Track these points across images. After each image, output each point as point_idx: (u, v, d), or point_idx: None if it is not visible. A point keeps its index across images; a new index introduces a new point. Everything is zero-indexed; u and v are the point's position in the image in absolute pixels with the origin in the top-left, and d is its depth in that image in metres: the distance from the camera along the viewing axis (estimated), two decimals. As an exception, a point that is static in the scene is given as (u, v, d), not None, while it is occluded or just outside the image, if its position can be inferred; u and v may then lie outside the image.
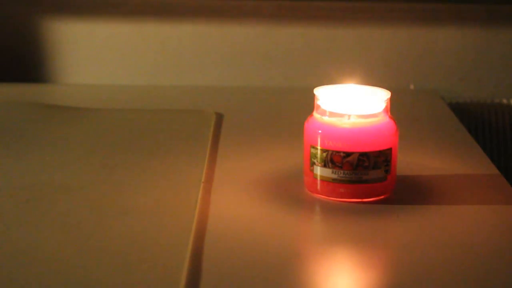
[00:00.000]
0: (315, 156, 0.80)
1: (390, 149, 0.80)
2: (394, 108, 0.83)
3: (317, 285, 0.66)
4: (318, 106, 0.81)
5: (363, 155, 0.79)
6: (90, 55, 1.33)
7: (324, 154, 0.79)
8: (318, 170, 0.80)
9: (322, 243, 0.74)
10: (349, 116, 0.80)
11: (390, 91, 0.82)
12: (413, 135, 1.02)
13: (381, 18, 1.31)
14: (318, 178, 0.80)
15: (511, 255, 0.71)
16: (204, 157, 0.92)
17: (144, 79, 1.34)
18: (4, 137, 1.00)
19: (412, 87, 1.32)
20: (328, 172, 0.79)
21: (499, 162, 1.28)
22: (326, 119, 0.80)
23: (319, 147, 0.80)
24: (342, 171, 0.79)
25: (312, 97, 0.82)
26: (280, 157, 0.93)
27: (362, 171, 0.79)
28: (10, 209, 0.78)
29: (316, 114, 0.81)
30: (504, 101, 1.32)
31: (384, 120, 0.80)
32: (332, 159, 0.79)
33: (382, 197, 0.81)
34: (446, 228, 0.76)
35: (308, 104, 0.84)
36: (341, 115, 0.80)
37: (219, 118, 1.09)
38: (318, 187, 0.81)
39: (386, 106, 0.81)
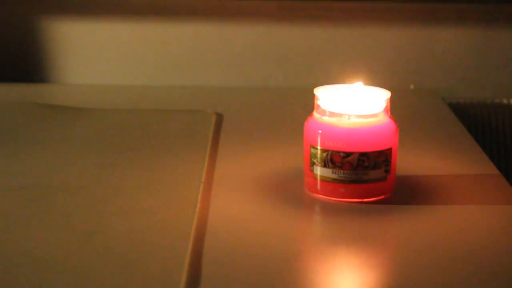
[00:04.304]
0: (315, 156, 0.80)
1: (390, 149, 0.80)
2: (394, 108, 0.83)
3: (317, 285, 0.66)
4: (318, 106, 0.81)
5: (363, 155, 0.79)
6: (90, 55, 1.33)
7: (324, 154, 0.79)
8: (318, 170, 0.80)
9: (322, 243, 0.74)
10: (349, 116, 0.80)
11: (390, 91, 0.82)
12: (413, 135, 1.02)
13: (381, 18, 1.31)
14: (318, 178, 0.80)
15: (511, 255, 0.71)
16: (204, 157, 0.92)
17: (144, 79, 1.34)
18: (4, 137, 1.00)
19: (412, 87, 1.32)
20: (328, 172, 0.79)
21: (499, 162, 1.28)
22: (326, 119, 0.80)
23: (319, 147, 0.80)
24: (342, 171, 0.79)
25: (312, 97, 0.82)
26: (280, 157, 0.93)
27: (362, 171, 0.79)
28: (10, 209, 0.78)
29: (316, 114, 0.81)
30: (504, 101, 1.32)
31: (384, 120, 0.80)
32: (332, 159, 0.79)
33: (382, 197, 0.81)
34: (446, 228, 0.76)
35: (308, 104, 0.84)
36: (341, 115, 0.80)
37: (219, 118, 1.09)
38: (318, 187, 0.81)
39: (386, 106, 0.81)
